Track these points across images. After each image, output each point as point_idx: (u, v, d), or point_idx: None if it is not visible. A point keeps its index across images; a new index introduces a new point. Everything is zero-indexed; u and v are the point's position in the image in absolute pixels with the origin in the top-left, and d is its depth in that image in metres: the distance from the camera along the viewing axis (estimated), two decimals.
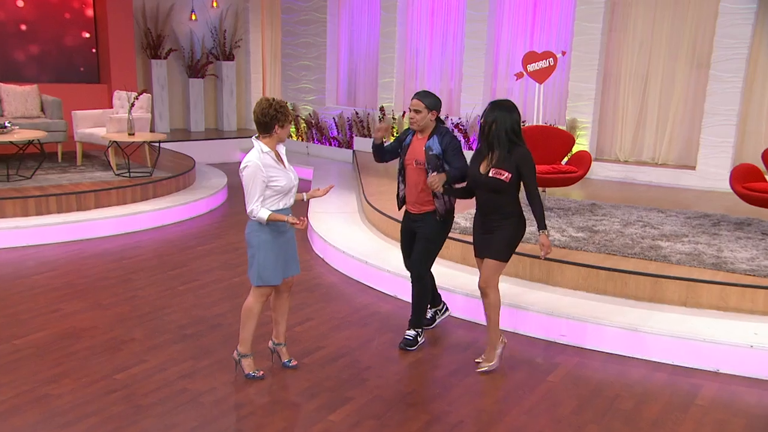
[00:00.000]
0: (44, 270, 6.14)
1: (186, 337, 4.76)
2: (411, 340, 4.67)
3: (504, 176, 4.05)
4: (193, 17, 12.85)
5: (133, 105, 8.70)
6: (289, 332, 4.75)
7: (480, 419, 3.79)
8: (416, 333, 4.69)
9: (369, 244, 6.51)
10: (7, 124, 8.14)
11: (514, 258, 5.49)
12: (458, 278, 5.45)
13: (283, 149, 4.07)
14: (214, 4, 13.04)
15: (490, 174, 4.08)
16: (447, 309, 5.07)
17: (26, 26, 10.72)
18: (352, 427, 3.65)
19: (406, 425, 3.69)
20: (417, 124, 4.45)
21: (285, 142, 4.08)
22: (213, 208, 8.79)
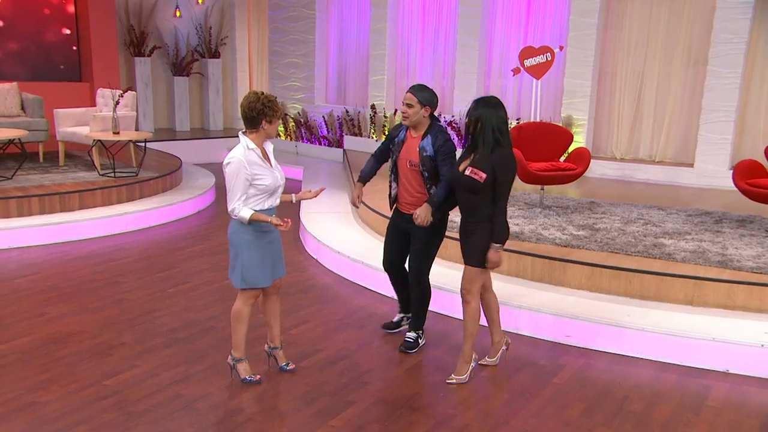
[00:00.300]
0: (27, 273, 5.93)
1: (178, 340, 4.60)
2: (412, 342, 4.56)
3: (478, 176, 3.85)
4: (178, 14, 12.63)
5: (117, 103, 8.50)
6: (285, 335, 4.64)
7: (486, 423, 3.69)
8: (417, 335, 4.58)
9: (364, 244, 6.37)
10: None
11: (514, 257, 5.38)
12: (458, 278, 5.29)
13: (271, 147, 3.91)
14: (199, 1, 12.83)
15: (466, 172, 3.90)
16: None
17: (3, 22, 10.44)
18: None
19: (410, 430, 3.59)
20: (409, 120, 4.26)
21: (273, 139, 3.91)
22: (201, 208, 8.60)
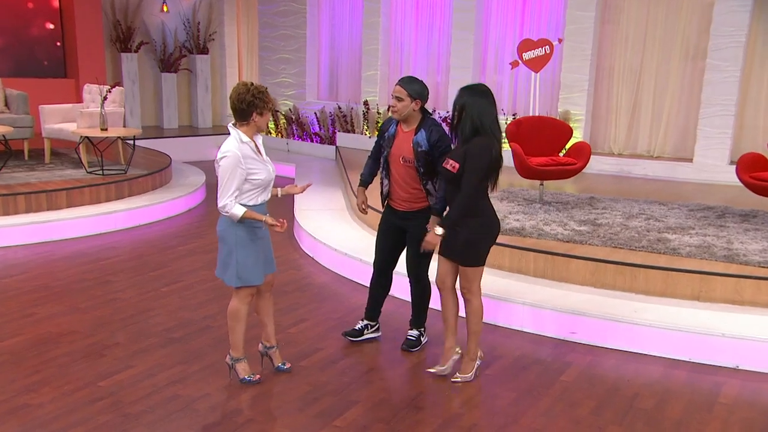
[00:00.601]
0: (14, 273, 5.75)
1: (173, 340, 4.46)
2: (414, 340, 4.45)
3: (451, 165, 3.72)
4: (165, 9, 12.41)
5: (105, 99, 8.32)
6: (283, 334, 4.52)
7: (494, 422, 3.59)
8: (419, 333, 4.48)
9: (360, 241, 6.24)
10: None
11: (516, 252, 5.29)
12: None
13: (260, 139, 3.77)
14: None
15: (443, 163, 3.80)
16: (379, 330, 4.59)
17: None
18: None
19: (417, 429, 3.49)
20: (398, 114, 4.09)
21: (263, 132, 3.78)
22: (192, 206, 8.43)
